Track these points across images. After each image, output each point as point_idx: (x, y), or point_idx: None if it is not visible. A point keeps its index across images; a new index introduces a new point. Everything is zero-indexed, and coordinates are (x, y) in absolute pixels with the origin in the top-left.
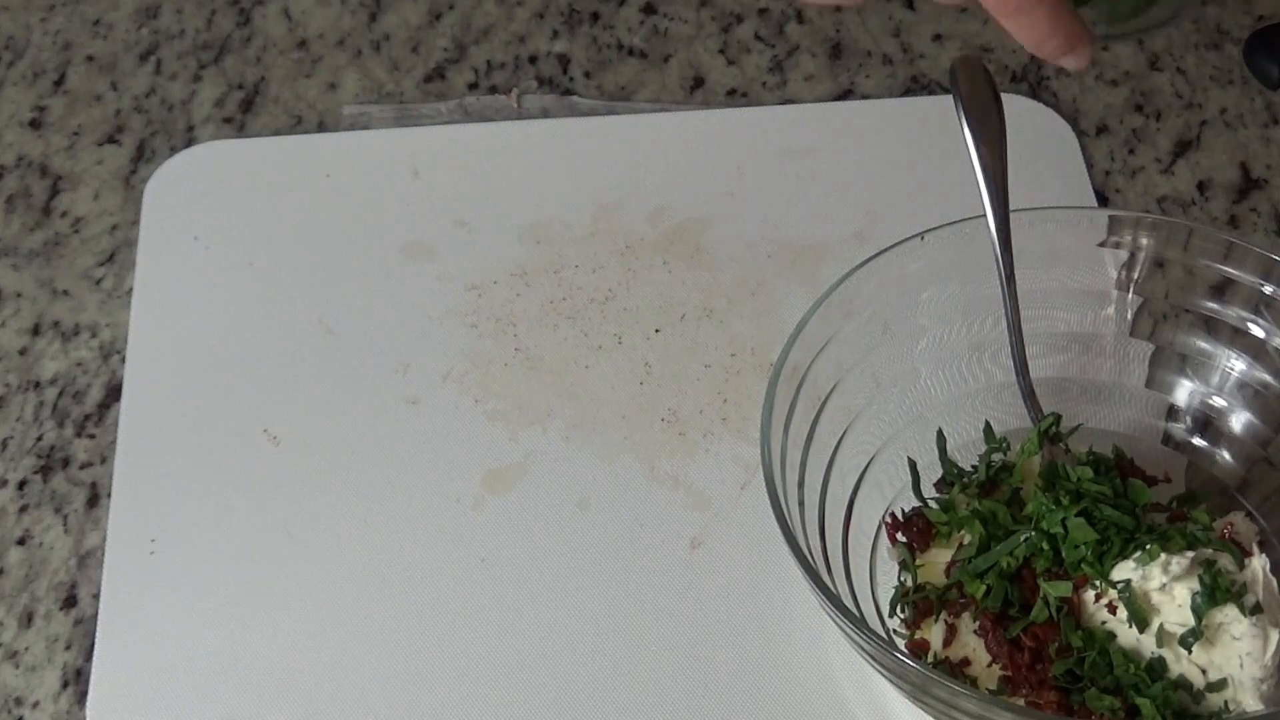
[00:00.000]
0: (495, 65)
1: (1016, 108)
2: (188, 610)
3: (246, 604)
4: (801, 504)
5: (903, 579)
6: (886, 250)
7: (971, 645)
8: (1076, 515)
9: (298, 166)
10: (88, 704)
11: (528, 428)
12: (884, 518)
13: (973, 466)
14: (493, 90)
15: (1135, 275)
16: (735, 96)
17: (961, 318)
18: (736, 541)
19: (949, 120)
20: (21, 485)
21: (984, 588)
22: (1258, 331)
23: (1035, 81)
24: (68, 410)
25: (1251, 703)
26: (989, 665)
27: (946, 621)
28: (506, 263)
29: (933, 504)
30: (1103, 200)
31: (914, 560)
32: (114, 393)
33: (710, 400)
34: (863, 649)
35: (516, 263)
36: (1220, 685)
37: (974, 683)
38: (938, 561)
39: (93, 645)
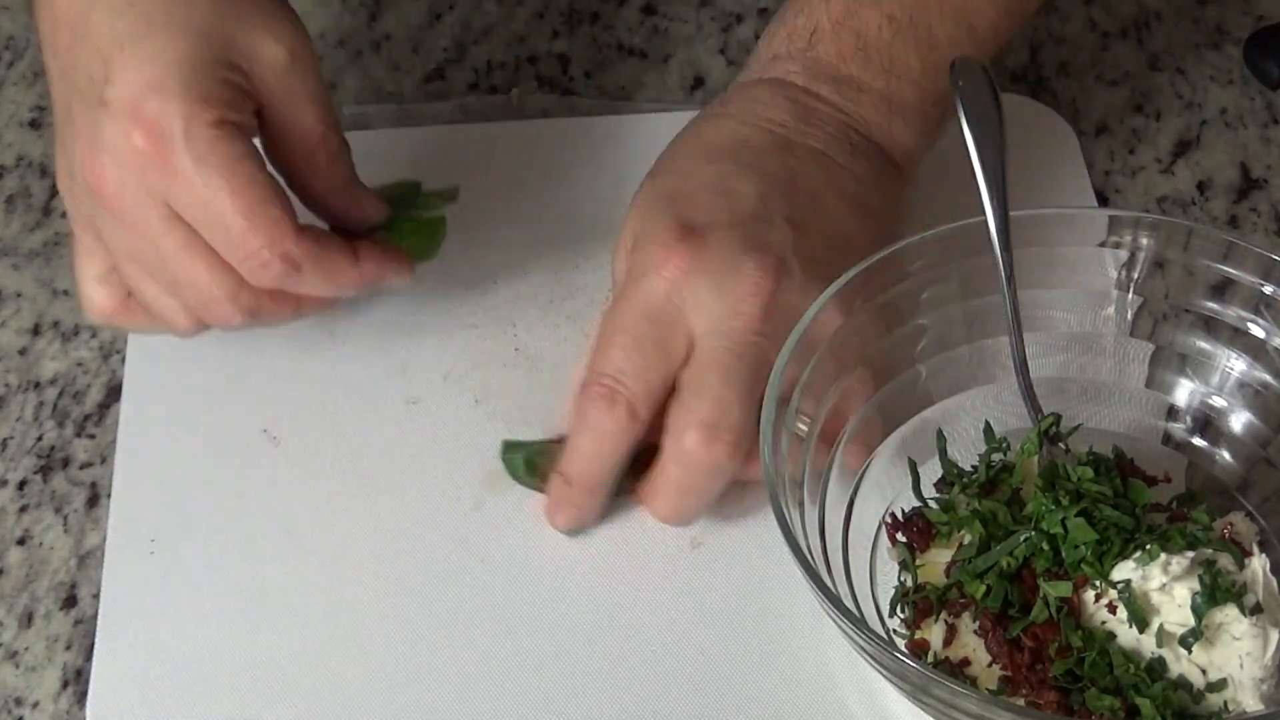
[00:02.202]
0: (495, 65)
1: (1016, 108)
2: (188, 610)
3: (246, 604)
4: (801, 504)
5: (903, 579)
6: (886, 250)
7: (971, 645)
8: (1076, 515)
9: None
10: (88, 704)
11: (528, 428)
12: (884, 518)
13: (973, 466)
14: (493, 90)
15: (1135, 275)
16: None
17: (961, 318)
18: (736, 541)
19: (949, 120)
20: (21, 485)
21: (984, 588)
22: (1258, 331)
23: (1035, 81)
24: (68, 410)
25: (1251, 703)
26: (989, 665)
27: (946, 621)
28: (507, 262)
29: (933, 504)
30: (1103, 200)
31: (914, 560)
32: (114, 393)
33: None
34: (863, 649)
35: (517, 262)
36: (1220, 685)
37: (974, 683)
38: (938, 561)
39: (93, 645)
